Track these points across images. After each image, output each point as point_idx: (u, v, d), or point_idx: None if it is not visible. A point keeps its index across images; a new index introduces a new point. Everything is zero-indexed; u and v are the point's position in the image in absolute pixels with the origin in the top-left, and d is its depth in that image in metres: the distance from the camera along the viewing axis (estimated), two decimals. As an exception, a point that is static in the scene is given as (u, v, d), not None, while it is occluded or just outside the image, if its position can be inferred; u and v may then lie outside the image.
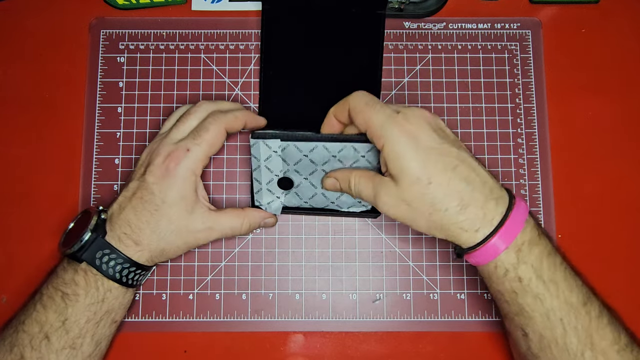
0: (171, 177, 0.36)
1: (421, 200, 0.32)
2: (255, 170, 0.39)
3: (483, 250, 0.32)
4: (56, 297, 0.35)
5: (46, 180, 0.44)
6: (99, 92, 0.45)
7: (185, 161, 0.36)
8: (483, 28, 0.46)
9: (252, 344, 0.42)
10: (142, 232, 0.36)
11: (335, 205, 0.41)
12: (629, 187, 0.44)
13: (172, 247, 0.37)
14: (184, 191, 0.36)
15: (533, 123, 0.45)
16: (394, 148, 0.32)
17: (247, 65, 0.46)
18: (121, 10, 0.46)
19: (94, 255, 0.35)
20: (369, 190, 0.35)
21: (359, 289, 0.43)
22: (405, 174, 0.32)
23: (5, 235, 0.43)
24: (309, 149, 0.37)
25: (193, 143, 0.36)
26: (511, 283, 0.33)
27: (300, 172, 0.39)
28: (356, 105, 0.34)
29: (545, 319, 0.32)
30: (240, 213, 0.39)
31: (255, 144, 0.37)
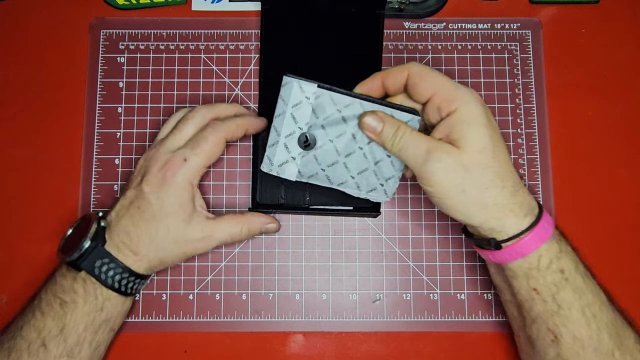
0: (168, 187, 0.35)
1: (483, 172, 0.31)
2: (277, 117, 0.36)
3: (529, 238, 0.32)
4: (54, 304, 0.35)
5: (46, 180, 0.44)
6: (99, 92, 0.45)
7: (182, 171, 0.36)
8: (483, 28, 0.46)
9: (252, 344, 0.42)
10: (141, 242, 0.36)
11: (352, 184, 0.37)
12: (628, 187, 0.44)
13: (170, 256, 0.37)
14: (181, 200, 0.36)
15: (533, 123, 0.45)
16: (470, 112, 0.32)
17: (247, 65, 0.46)
18: (121, 10, 0.46)
19: (94, 264, 0.35)
20: (421, 147, 0.32)
21: (359, 289, 0.43)
22: (475, 141, 0.31)
23: (5, 235, 0.43)
24: (345, 103, 0.35)
25: (191, 153, 0.36)
26: (554, 275, 0.32)
27: (327, 130, 0.36)
28: (421, 70, 0.33)
29: (581, 315, 0.32)
30: (239, 219, 0.38)
31: (288, 83, 0.35)
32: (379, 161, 0.36)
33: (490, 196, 0.32)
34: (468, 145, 0.31)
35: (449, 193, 0.32)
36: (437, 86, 0.32)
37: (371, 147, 0.36)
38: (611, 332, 0.32)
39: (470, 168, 0.31)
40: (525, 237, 0.32)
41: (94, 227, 0.35)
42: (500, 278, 0.36)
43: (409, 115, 0.35)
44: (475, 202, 0.32)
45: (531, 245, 0.32)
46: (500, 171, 0.32)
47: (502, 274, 0.36)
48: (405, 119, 0.35)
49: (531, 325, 0.34)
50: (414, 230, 0.43)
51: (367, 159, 0.36)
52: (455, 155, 0.31)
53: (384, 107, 0.35)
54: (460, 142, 0.32)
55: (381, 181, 0.36)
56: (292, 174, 0.37)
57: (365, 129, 0.35)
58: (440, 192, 0.32)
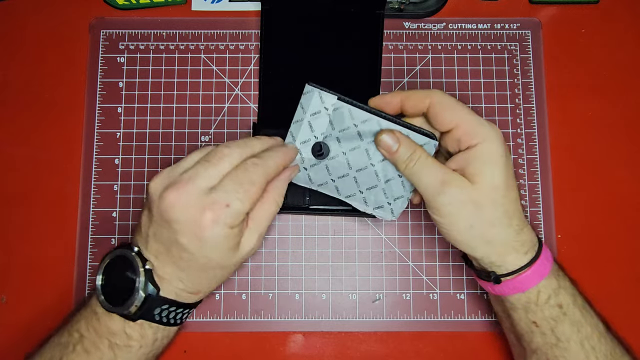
0: (208, 239, 0.30)
1: (493, 209, 0.32)
2: (295, 123, 0.36)
3: (528, 274, 0.32)
4: (101, 346, 0.33)
5: (46, 180, 0.44)
6: (99, 92, 0.45)
7: (223, 219, 0.30)
8: (483, 28, 0.46)
9: (252, 344, 0.42)
10: (197, 285, 0.33)
11: (359, 198, 0.37)
12: (628, 187, 0.44)
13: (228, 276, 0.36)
14: (227, 247, 0.32)
15: (533, 123, 0.45)
16: (490, 151, 0.31)
17: (247, 65, 0.46)
18: (121, 10, 0.46)
19: (152, 312, 0.32)
20: (436, 176, 0.32)
21: (358, 289, 0.43)
22: (490, 178, 0.31)
23: (5, 235, 0.43)
24: (362, 119, 0.35)
25: (235, 197, 0.30)
26: (552, 310, 0.33)
27: (342, 142, 0.36)
28: (444, 100, 0.33)
29: (580, 348, 0.32)
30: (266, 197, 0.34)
31: (310, 92, 0.35)
32: (389, 180, 0.36)
33: (496, 233, 0.32)
34: (483, 182, 0.31)
35: (457, 226, 0.32)
36: (460, 119, 0.32)
37: (384, 165, 0.35)
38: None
39: (482, 205, 0.32)
40: (525, 273, 0.32)
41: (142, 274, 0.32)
42: (500, 308, 0.37)
43: (426, 139, 0.34)
44: (481, 237, 0.32)
45: (530, 281, 0.33)
46: (509, 210, 0.32)
47: (501, 305, 0.36)
48: (421, 142, 0.34)
49: (531, 355, 0.34)
50: (414, 230, 0.43)
51: (377, 177, 0.36)
52: (468, 190, 0.32)
53: (402, 127, 0.34)
54: (475, 177, 0.32)
55: (389, 200, 0.36)
56: (303, 179, 0.37)
57: (380, 147, 0.34)
58: (449, 224, 0.32)
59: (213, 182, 0.31)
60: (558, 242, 0.43)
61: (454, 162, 0.33)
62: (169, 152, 0.44)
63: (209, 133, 0.44)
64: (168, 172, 0.32)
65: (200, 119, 0.45)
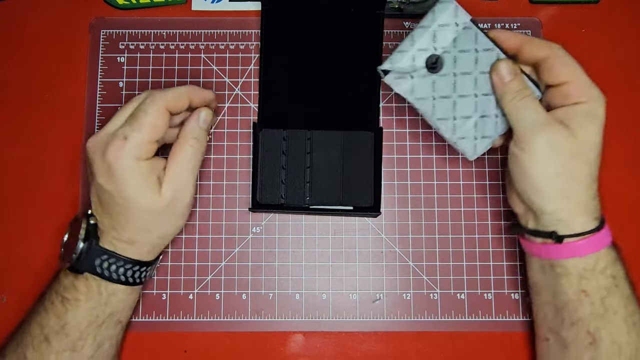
0: (118, 174, 0.33)
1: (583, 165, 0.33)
2: (420, 27, 0.35)
3: (596, 237, 0.33)
4: (56, 302, 0.35)
5: (46, 180, 0.44)
6: (99, 92, 0.45)
7: (126, 152, 0.32)
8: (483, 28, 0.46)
9: (252, 344, 0.42)
10: (129, 232, 0.34)
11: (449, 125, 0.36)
12: (628, 187, 0.44)
13: (165, 229, 0.36)
14: (138, 181, 0.33)
15: (533, 123, 0.45)
16: (596, 110, 0.33)
17: (247, 65, 0.46)
18: (121, 10, 0.46)
19: (93, 263, 0.34)
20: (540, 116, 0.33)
21: (359, 289, 0.43)
22: (591, 136, 0.33)
23: (5, 235, 0.43)
24: (485, 47, 0.35)
25: (130, 129, 0.33)
26: (606, 280, 0.33)
27: (458, 63, 0.36)
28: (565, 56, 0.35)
29: (623, 323, 0.32)
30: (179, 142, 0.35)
31: (447, 3, 0.35)
32: (485, 116, 0.36)
33: (577, 189, 0.33)
34: (583, 137, 0.33)
35: (543, 170, 0.33)
36: (574, 76, 0.34)
37: (486, 99, 0.36)
38: None
39: (575, 157, 0.32)
40: (590, 237, 0.33)
41: (84, 227, 0.34)
42: (544, 276, 0.36)
43: (534, 87, 0.35)
44: (561, 188, 0.33)
45: (593, 246, 0.33)
46: (594, 173, 0.34)
47: (548, 272, 0.35)
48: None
49: (570, 328, 0.34)
50: (414, 230, 0.43)
51: (476, 109, 0.36)
52: (569, 139, 0.32)
53: None
54: (576, 130, 0.32)
55: (477, 135, 0.37)
56: (405, 90, 0.36)
57: (495, 74, 0.35)
58: (535, 166, 0.33)
59: (119, 124, 0.34)
60: (558, 242, 0.43)
61: (557, 114, 0.34)
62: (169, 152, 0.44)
63: (209, 133, 0.44)
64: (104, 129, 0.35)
65: (200, 118, 0.45)
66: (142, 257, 0.36)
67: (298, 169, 0.41)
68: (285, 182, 0.41)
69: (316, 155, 0.40)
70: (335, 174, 0.40)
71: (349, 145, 0.42)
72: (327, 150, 0.41)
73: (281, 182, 0.41)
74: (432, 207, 0.44)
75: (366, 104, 0.44)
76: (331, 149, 0.41)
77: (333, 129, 0.43)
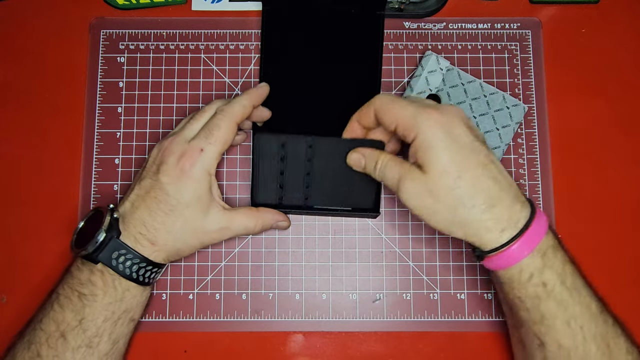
0: (186, 178, 0.35)
1: (448, 194, 0.32)
2: (414, 77, 0.44)
3: (508, 252, 0.32)
4: (73, 297, 0.35)
5: (46, 180, 0.44)
6: (99, 92, 0.45)
7: (200, 162, 0.36)
8: (483, 28, 0.46)
9: (252, 344, 0.42)
10: (158, 233, 0.35)
11: None
12: (628, 187, 0.44)
13: (187, 246, 0.37)
14: (200, 192, 0.36)
15: (533, 123, 0.45)
16: (426, 137, 0.32)
17: (247, 65, 0.46)
18: (121, 10, 0.46)
19: (110, 255, 0.35)
20: (394, 174, 0.34)
21: (359, 289, 0.43)
22: (435, 165, 0.32)
23: (5, 235, 0.43)
24: (468, 80, 0.43)
25: (206, 142, 0.36)
26: (535, 288, 0.32)
27: (451, 96, 0.43)
28: (382, 104, 0.35)
29: (566, 327, 0.32)
30: (254, 214, 0.39)
31: (428, 55, 0.44)
32: (488, 131, 0.43)
33: (461, 216, 0.32)
34: (431, 170, 0.32)
35: (425, 215, 0.33)
36: (397, 117, 0.34)
37: (485, 118, 0.43)
38: (599, 344, 0.32)
39: (435, 191, 0.32)
40: (504, 252, 0.32)
41: (108, 218, 0.35)
42: (494, 278, 0.37)
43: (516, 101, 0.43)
44: (449, 221, 0.33)
45: (510, 259, 0.32)
46: (467, 191, 0.32)
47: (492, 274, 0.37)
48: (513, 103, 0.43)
49: (520, 328, 0.35)
50: (414, 230, 0.43)
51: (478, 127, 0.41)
52: (420, 181, 0.33)
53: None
54: (424, 167, 0.32)
55: (497, 126, 0.43)
56: None
57: (352, 165, 0.38)
58: (419, 215, 0.34)
59: (194, 133, 0.37)
60: (558, 242, 0.43)
61: (409, 156, 0.34)
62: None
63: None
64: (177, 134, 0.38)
65: (200, 119, 0.45)
66: (156, 260, 0.36)
67: (297, 174, 0.40)
68: (283, 186, 0.40)
69: (316, 162, 0.39)
70: (335, 178, 0.40)
71: None
72: (328, 159, 0.39)
73: (279, 186, 0.41)
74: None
75: (366, 104, 0.44)
76: (333, 157, 0.39)
77: (333, 129, 0.43)
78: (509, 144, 0.44)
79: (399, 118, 0.33)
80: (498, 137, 0.43)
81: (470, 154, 0.32)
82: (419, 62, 0.44)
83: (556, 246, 0.33)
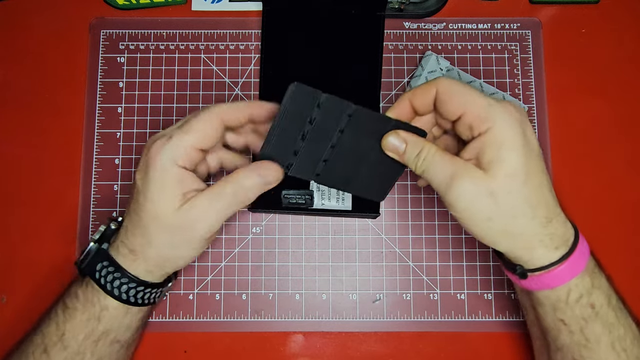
0: (150, 171, 0.31)
1: (511, 198, 0.29)
2: (414, 78, 0.44)
3: (557, 271, 0.30)
4: (59, 309, 0.33)
5: (46, 180, 0.44)
6: (99, 92, 0.45)
7: (166, 150, 0.31)
8: (483, 28, 0.46)
9: (252, 344, 0.42)
10: (135, 239, 0.32)
11: None
12: (628, 187, 0.44)
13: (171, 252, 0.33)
14: (164, 183, 0.31)
15: (533, 123, 0.45)
16: (502, 132, 0.29)
17: (247, 65, 0.46)
18: (121, 10, 0.46)
19: (94, 268, 0.32)
20: (445, 169, 0.30)
21: (359, 289, 0.43)
22: (505, 164, 0.29)
23: (5, 235, 0.43)
24: (468, 80, 0.43)
25: (178, 130, 0.31)
26: (582, 309, 0.30)
27: None
28: (450, 86, 0.30)
29: (610, 350, 0.30)
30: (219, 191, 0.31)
31: (428, 55, 0.44)
32: None
33: (518, 225, 0.29)
34: (497, 170, 0.29)
35: (475, 220, 0.30)
36: (468, 104, 0.30)
37: None
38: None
39: (498, 195, 0.29)
40: (554, 270, 0.30)
41: (101, 229, 0.33)
42: (526, 300, 0.35)
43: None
44: (502, 230, 0.30)
45: (560, 279, 0.30)
46: (531, 199, 0.29)
47: (526, 297, 0.34)
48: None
49: (556, 352, 0.33)
50: (414, 230, 0.43)
51: None
52: (481, 181, 0.29)
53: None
54: (489, 165, 0.29)
55: None
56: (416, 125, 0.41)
57: (388, 150, 0.32)
58: (466, 219, 0.30)
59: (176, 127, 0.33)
60: (558, 242, 0.43)
61: (467, 152, 0.30)
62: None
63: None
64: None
65: (200, 119, 0.45)
66: (142, 276, 0.33)
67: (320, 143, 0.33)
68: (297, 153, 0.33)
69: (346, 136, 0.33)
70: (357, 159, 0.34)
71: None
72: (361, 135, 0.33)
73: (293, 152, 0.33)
74: (432, 207, 0.44)
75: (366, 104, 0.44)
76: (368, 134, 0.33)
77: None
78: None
79: (471, 105, 0.29)
80: None
81: (537, 158, 0.30)
82: (419, 62, 0.45)
83: (598, 263, 0.32)
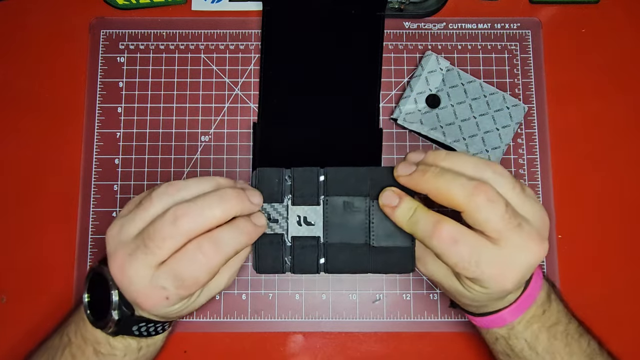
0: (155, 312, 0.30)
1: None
2: (414, 77, 0.44)
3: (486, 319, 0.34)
4: (87, 351, 0.33)
5: (46, 180, 0.44)
6: (99, 92, 0.45)
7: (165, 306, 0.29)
8: (483, 28, 0.46)
9: (252, 344, 0.42)
10: None
11: (462, 144, 0.43)
12: (628, 187, 0.44)
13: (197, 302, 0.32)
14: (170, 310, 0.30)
15: (533, 123, 0.45)
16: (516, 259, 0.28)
17: (247, 65, 0.46)
18: (121, 10, 0.46)
19: (131, 329, 0.32)
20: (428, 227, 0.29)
21: (359, 289, 0.43)
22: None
23: (5, 235, 0.43)
24: (468, 80, 0.44)
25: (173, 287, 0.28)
26: (503, 347, 0.35)
27: (451, 96, 0.43)
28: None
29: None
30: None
31: (429, 55, 0.44)
32: (488, 132, 0.43)
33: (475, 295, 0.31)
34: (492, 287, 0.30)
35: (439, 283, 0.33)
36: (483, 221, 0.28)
37: (485, 118, 0.43)
38: None
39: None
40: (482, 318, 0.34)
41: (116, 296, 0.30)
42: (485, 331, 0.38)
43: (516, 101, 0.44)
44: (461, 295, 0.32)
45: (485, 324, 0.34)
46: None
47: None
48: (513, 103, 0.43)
49: None
50: (414, 230, 0.43)
51: (478, 127, 0.43)
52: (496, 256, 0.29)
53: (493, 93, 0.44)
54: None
55: (487, 148, 0.43)
56: (417, 126, 0.43)
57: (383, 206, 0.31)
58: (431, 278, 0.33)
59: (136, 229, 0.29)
60: (559, 242, 0.43)
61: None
62: (169, 152, 0.44)
63: (209, 133, 0.44)
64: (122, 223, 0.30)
65: (200, 118, 0.45)
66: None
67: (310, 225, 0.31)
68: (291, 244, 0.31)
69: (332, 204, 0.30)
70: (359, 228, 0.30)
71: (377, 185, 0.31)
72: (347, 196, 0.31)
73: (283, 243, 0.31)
74: (431, 207, 0.43)
75: (366, 104, 0.44)
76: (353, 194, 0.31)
77: (333, 128, 0.43)
78: (509, 144, 0.44)
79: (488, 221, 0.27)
80: (498, 137, 0.43)
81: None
82: (419, 62, 0.44)
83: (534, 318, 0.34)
